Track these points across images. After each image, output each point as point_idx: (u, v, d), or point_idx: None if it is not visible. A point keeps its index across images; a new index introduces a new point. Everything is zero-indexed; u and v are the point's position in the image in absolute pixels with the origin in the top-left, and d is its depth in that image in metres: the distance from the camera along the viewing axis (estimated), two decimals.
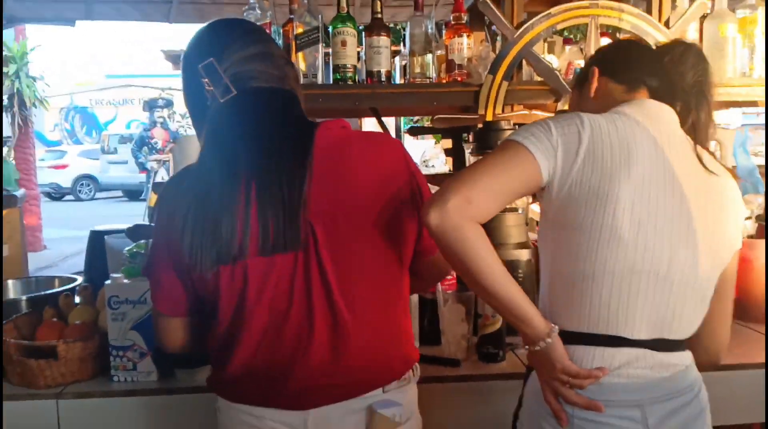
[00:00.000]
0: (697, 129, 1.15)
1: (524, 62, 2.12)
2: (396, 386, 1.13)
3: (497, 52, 2.11)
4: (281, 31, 2.12)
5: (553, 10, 2.06)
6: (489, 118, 2.05)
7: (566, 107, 1.94)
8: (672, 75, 1.17)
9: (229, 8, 4.39)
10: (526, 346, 1.09)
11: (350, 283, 1.07)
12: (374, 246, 1.10)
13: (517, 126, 1.78)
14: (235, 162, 1.06)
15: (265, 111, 1.10)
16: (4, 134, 8.36)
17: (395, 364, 1.14)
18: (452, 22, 2.12)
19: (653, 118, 1.12)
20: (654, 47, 1.26)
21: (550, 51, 2.30)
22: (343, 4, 2.03)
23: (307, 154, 1.07)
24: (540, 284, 1.17)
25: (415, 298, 1.57)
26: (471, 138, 1.97)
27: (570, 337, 1.07)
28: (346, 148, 1.10)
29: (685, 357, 1.13)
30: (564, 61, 2.22)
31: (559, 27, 2.09)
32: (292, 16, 2.08)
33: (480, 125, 1.92)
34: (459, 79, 2.09)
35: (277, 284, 1.06)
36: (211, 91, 1.08)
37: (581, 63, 2.21)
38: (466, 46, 2.07)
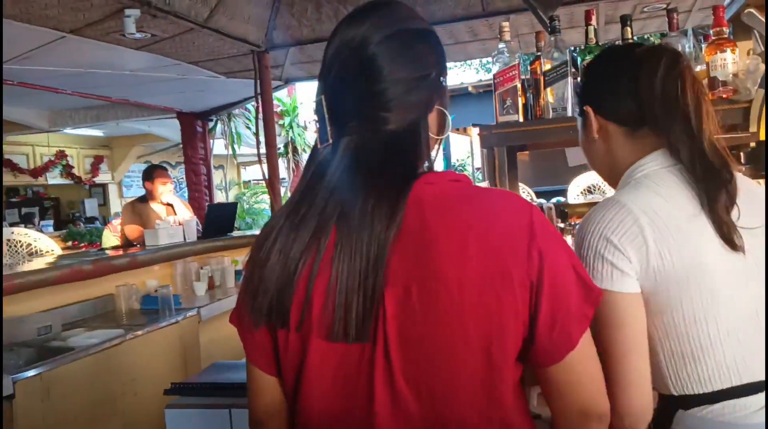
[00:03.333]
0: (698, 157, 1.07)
1: None
2: None
3: None
4: (529, 69, 2.19)
5: None
6: (762, 136, 1.87)
7: None
8: (657, 108, 1.09)
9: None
10: None
11: (426, 382, 0.86)
12: (462, 338, 0.85)
13: None
14: (324, 218, 0.87)
15: (360, 161, 0.89)
16: (281, 176, 9.66)
17: None
18: (713, 37, 1.98)
19: (674, 169, 1.10)
20: (633, 65, 1.13)
21: None
22: (591, 35, 2.03)
23: (395, 214, 0.84)
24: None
25: None
26: (742, 159, 1.82)
27: (703, 399, 1.06)
28: (450, 209, 0.87)
29: None
30: None
31: None
32: (539, 54, 2.14)
33: (753, 144, 1.76)
34: (724, 96, 1.94)
35: (334, 377, 0.88)
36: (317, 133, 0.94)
37: None
38: (731, 61, 1.93)
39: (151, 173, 4.69)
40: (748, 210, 1.07)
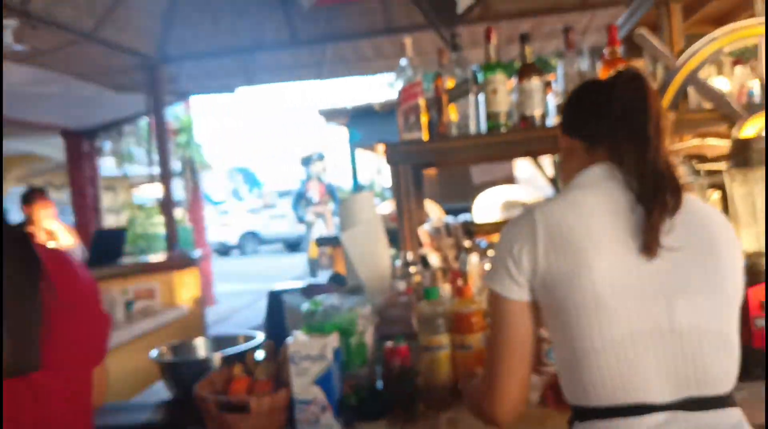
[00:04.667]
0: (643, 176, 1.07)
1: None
2: None
3: (659, 79, 2.01)
4: (431, 86, 2.18)
5: (717, 32, 1.92)
6: None
7: (740, 133, 1.80)
8: (615, 122, 1.11)
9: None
10: None
11: None
12: None
13: (690, 161, 1.67)
14: None
15: None
16: (179, 198, 9.23)
17: None
18: (607, 57, 2.05)
19: (608, 180, 1.10)
20: (600, 87, 1.18)
21: (719, 72, 2.15)
22: (491, 54, 2.05)
23: None
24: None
25: None
26: None
27: (593, 413, 1.05)
28: None
29: (731, 414, 1.05)
30: (736, 83, 2.06)
31: (726, 50, 1.94)
32: (440, 71, 2.14)
33: None
34: None
35: None
36: None
37: (754, 84, 2.04)
38: None
39: (29, 197, 4.32)
40: (680, 232, 1.06)
